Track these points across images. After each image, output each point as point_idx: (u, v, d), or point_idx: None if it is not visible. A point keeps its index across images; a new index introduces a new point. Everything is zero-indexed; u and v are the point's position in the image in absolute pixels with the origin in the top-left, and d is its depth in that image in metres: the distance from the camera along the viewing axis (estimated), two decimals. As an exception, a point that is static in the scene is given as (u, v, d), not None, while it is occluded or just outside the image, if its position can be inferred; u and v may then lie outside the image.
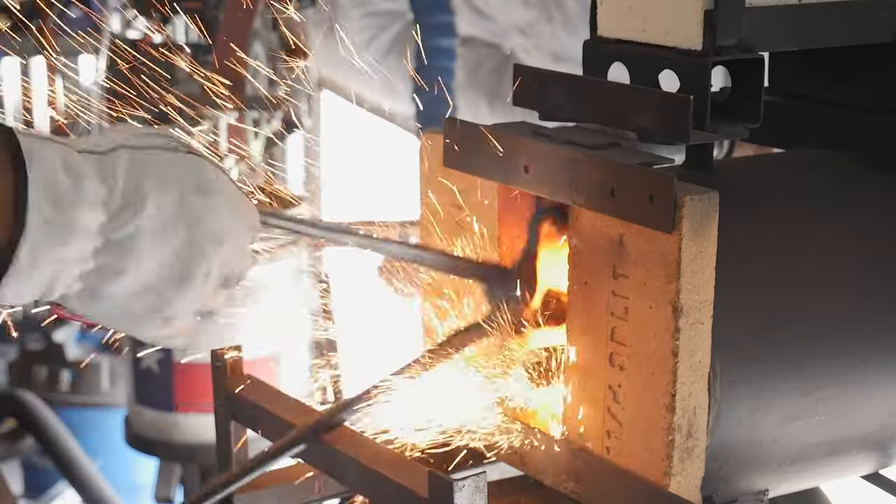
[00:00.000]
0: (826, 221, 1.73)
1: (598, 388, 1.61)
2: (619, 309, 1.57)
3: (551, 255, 1.72)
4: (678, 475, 1.55)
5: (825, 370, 1.66)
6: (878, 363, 1.71)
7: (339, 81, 5.97)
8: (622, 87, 1.65)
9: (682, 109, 1.56)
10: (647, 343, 1.54)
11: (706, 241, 1.50)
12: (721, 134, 1.63)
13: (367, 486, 1.60)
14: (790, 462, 1.67)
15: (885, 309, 1.72)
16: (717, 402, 1.57)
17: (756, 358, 1.60)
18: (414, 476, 1.54)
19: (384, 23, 5.72)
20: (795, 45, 1.73)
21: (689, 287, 1.50)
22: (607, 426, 1.60)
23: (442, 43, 4.80)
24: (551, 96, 1.71)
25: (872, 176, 1.80)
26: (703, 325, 1.53)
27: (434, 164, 1.79)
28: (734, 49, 1.60)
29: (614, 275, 1.57)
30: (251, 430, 1.80)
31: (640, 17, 1.66)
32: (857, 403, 1.71)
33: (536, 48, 4.89)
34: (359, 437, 1.68)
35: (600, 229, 1.58)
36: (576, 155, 1.59)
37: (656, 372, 1.53)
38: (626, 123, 1.63)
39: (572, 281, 1.64)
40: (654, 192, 1.50)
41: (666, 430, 1.53)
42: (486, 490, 1.46)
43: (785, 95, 1.92)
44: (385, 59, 5.64)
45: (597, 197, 1.57)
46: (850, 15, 1.73)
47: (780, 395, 1.62)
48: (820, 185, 1.79)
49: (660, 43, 1.64)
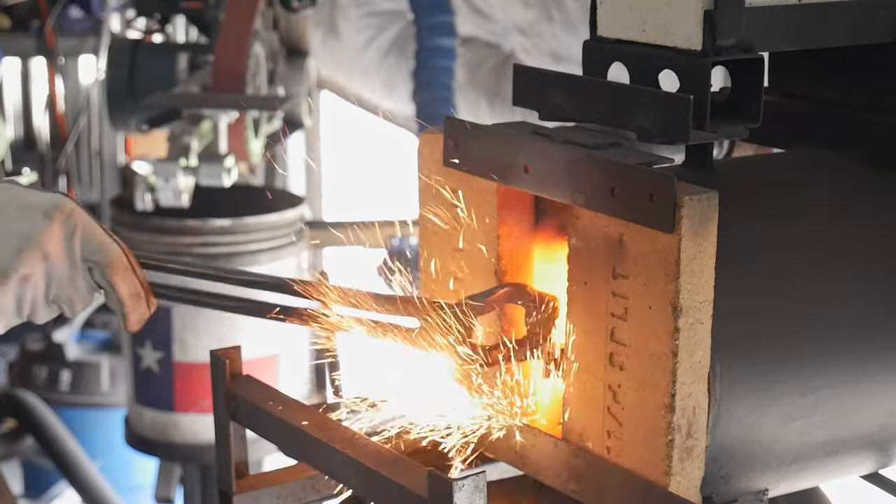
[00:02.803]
0: (825, 222, 1.73)
1: (598, 388, 1.61)
2: (618, 309, 1.57)
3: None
4: (678, 475, 1.55)
5: (825, 370, 1.66)
6: (877, 363, 1.71)
7: (339, 81, 5.97)
8: (622, 87, 1.65)
9: (682, 109, 1.56)
10: (646, 343, 1.54)
11: (706, 240, 1.51)
12: (721, 134, 1.63)
13: (366, 486, 1.60)
14: (790, 462, 1.67)
15: (884, 309, 1.72)
16: (716, 402, 1.57)
17: (756, 358, 1.60)
18: (414, 476, 1.54)
19: (384, 23, 5.72)
20: (795, 45, 1.73)
21: (689, 287, 1.50)
22: (607, 426, 1.61)
23: (442, 43, 4.80)
24: (551, 96, 1.71)
25: (872, 176, 1.80)
26: (703, 325, 1.53)
27: (433, 163, 1.79)
28: (734, 49, 1.60)
29: (614, 275, 1.57)
30: (251, 430, 1.80)
31: (640, 17, 1.66)
32: (856, 403, 1.71)
33: (536, 48, 4.89)
34: (359, 436, 1.68)
35: (600, 229, 1.58)
36: (576, 155, 1.60)
37: (656, 372, 1.54)
38: (626, 123, 1.63)
39: (572, 281, 1.64)
40: (654, 191, 1.50)
41: (665, 430, 1.54)
42: (486, 490, 1.46)
43: (785, 95, 1.92)
44: (385, 59, 5.65)
45: (597, 197, 1.57)
46: (849, 15, 1.73)
47: (779, 395, 1.62)
48: (819, 186, 1.79)
49: (660, 43, 1.64)
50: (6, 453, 5.18)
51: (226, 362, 1.79)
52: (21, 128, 5.91)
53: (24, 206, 1.62)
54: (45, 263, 1.61)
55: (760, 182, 1.77)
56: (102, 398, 5.21)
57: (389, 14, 5.68)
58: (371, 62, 5.70)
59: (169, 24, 4.96)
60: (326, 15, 5.82)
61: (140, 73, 4.43)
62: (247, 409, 1.78)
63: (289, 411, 1.74)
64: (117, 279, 1.65)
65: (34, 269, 1.61)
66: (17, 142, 5.85)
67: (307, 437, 1.68)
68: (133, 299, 1.67)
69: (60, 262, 1.63)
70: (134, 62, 4.44)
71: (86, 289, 1.66)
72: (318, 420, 1.72)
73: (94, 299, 1.69)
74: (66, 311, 1.67)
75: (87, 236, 1.64)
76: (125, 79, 4.43)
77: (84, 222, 1.64)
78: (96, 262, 1.65)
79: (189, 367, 4.02)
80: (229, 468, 1.80)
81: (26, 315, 1.64)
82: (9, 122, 5.78)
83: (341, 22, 5.79)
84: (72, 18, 5.82)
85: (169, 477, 4.16)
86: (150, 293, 1.69)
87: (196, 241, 3.94)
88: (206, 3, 4.35)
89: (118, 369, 5.09)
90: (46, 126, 5.83)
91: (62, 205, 1.64)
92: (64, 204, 1.64)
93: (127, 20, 5.71)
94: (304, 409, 1.75)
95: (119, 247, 1.66)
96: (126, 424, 4.25)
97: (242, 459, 1.81)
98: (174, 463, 4.17)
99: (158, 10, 4.62)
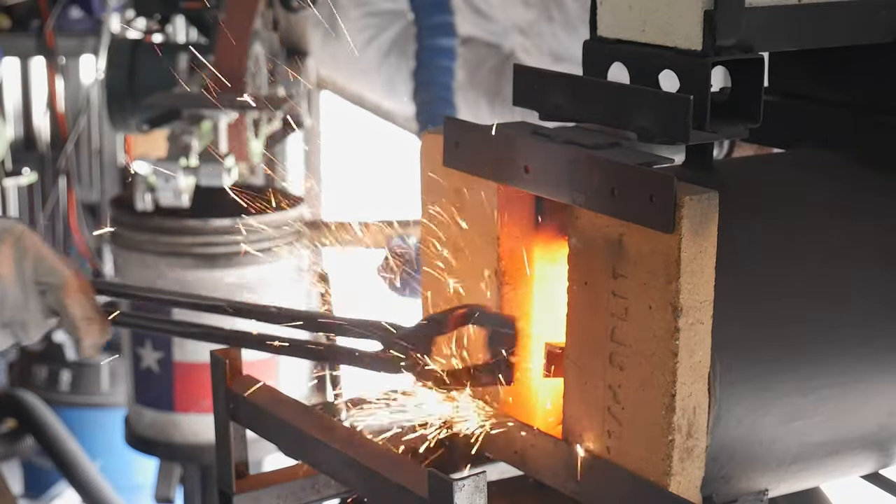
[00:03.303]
0: (825, 222, 1.73)
1: (598, 387, 1.61)
2: (618, 309, 1.57)
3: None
4: (678, 475, 1.55)
5: (825, 370, 1.66)
6: (877, 363, 1.71)
7: (339, 81, 5.97)
8: (622, 87, 1.65)
9: (682, 109, 1.56)
10: (646, 343, 1.54)
11: (706, 241, 1.51)
12: (721, 134, 1.63)
13: (367, 486, 1.60)
14: (790, 462, 1.67)
15: (884, 309, 1.72)
16: (716, 402, 1.57)
17: (756, 358, 1.60)
18: (414, 476, 1.54)
19: (384, 23, 5.72)
20: (795, 45, 1.73)
21: (689, 287, 1.50)
22: (607, 426, 1.61)
23: (442, 43, 4.79)
24: (551, 96, 1.71)
25: (872, 176, 1.80)
26: (703, 326, 1.53)
27: (434, 164, 1.79)
28: (734, 49, 1.60)
29: (614, 275, 1.57)
30: (251, 431, 1.80)
31: (640, 17, 1.66)
32: (856, 403, 1.71)
33: (536, 48, 4.89)
34: (359, 436, 1.68)
35: (600, 229, 1.58)
36: (576, 155, 1.59)
37: (656, 372, 1.54)
38: (626, 123, 1.63)
39: (572, 281, 1.64)
40: (654, 191, 1.50)
41: (666, 431, 1.54)
42: (486, 490, 1.47)
43: (785, 95, 1.92)
44: (385, 59, 5.64)
45: (597, 197, 1.57)
46: (849, 15, 1.73)
47: (779, 395, 1.62)
48: (819, 186, 1.79)
49: (660, 43, 1.64)
50: (6, 453, 5.18)
51: (226, 362, 1.79)
52: (21, 128, 5.91)
53: None
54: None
55: (760, 182, 1.77)
56: (102, 398, 5.21)
57: (389, 14, 5.67)
58: (371, 62, 5.69)
59: (169, 24, 4.96)
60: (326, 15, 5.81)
61: (140, 73, 4.43)
62: (247, 409, 1.78)
63: (289, 411, 1.74)
64: (70, 301, 1.64)
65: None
66: (17, 142, 5.85)
67: (307, 437, 1.68)
68: (86, 322, 1.66)
69: (11, 284, 1.62)
70: (134, 62, 4.44)
71: (39, 312, 1.65)
72: (318, 420, 1.72)
73: (48, 324, 1.69)
74: (20, 335, 1.66)
75: (39, 259, 1.63)
76: (125, 79, 4.43)
77: (35, 245, 1.64)
78: (48, 283, 1.63)
79: (189, 367, 4.02)
80: (229, 468, 1.80)
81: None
82: (9, 122, 5.78)
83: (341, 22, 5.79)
84: (72, 18, 5.82)
85: (169, 477, 4.16)
86: (105, 318, 1.69)
87: (196, 241, 3.93)
88: (205, 4, 4.35)
89: (118, 369, 5.09)
90: (46, 126, 5.83)
91: (11, 228, 1.63)
92: (13, 227, 1.63)
93: (127, 20, 5.71)
94: (304, 409, 1.75)
95: (71, 271, 1.65)
96: (126, 424, 4.25)
97: (242, 459, 1.81)
98: (174, 463, 4.17)
99: (158, 10, 4.62)
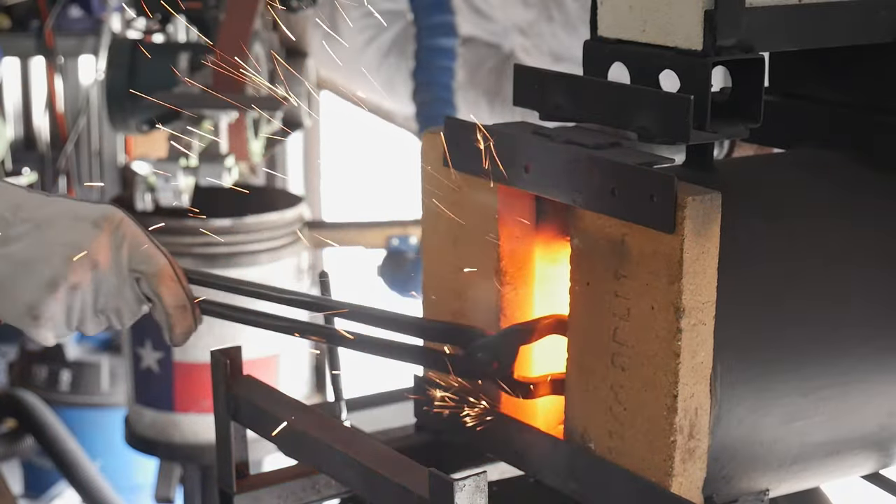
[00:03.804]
0: (826, 222, 1.73)
1: (600, 388, 1.61)
2: (620, 310, 1.57)
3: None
4: (680, 476, 1.55)
5: (825, 370, 1.66)
6: (878, 363, 1.71)
7: (339, 81, 5.97)
8: (622, 87, 1.65)
9: (683, 109, 1.56)
10: (648, 344, 1.54)
11: (708, 241, 1.50)
12: (721, 134, 1.63)
13: (367, 486, 1.60)
14: (791, 462, 1.67)
15: (884, 309, 1.72)
16: (717, 402, 1.57)
17: (757, 359, 1.60)
18: (414, 476, 1.54)
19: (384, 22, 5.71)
20: (795, 45, 1.73)
21: (691, 288, 1.50)
22: (609, 427, 1.60)
23: (442, 43, 4.79)
24: (551, 96, 1.71)
25: (872, 176, 1.80)
26: (705, 326, 1.53)
27: (434, 164, 1.79)
28: (734, 49, 1.60)
29: (616, 275, 1.57)
30: (251, 430, 1.80)
31: (640, 17, 1.66)
32: (857, 404, 1.71)
33: (536, 48, 4.88)
34: (359, 436, 1.68)
35: (602, 230, 1.58)
36: (576, 155, 1.59)
37: (658, 373, 1.54)
38: (627, 123, 1.63)
39: (574, 281, 1.64)
40: (655, 192, 1.50)
41: (668, 431, 1.53)
42: (487, 490, 1.46)
43: (785, 95, 1.92)
44: (385, 59, 5.64)
45: (597, 197, 1.57)
46: (849, 15, 1.73)
47: (780, 396, 1.62)
48: (820, 186, 1.79)
49: (660, 43, 1.64)
50: (6, 453, 5.18)
51: (226, 362, 1.79)
52: (21, 128, 5.90)
53: (74, 217, 1.65)
54: (93, 273, 1.63)
55: (760, 182, 1.77)
56: (102, 398, 5.21)
57: (389, 14, 5.67)
58: (371, 62, 5.69)
59: (169, 24, 4.96)
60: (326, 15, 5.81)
61: (140, 73, 4.42)
62: (247, 409, 1.78)
63: (289, 411, 1.74)
64: (163, 289, 1.66)
65: (83, 279, 1.63)
66: (17, 142, 5.84)
67: (307, 437, 1.68)
68: (179, 310, 1.68)
69: (108, 271, 1.64)
70: (134, 62, 4.43)
71: (133, 299, 1.67)
72: (318, 420, 1.72)
73: (141, 311, 1.70)
74: (113, 321, 1.68)
75: (135, 246, 1.66)
76: (125, 79, 4.42)
77: (132, 232, 1.66)
78: (143, 272, 1.66)
79: (189, 367, 4.01)
80: (230, 468, 1.80)
81: (75, 325, 1.65)
82: (9, 122, 5.78)
83: (341, 22, 5.79)
84: (72, 18, 5.81)
85: (169, 477, 4.16)
86: (196, 306, 1.70)
87: (196, 241, 3.93)
88: (205, 4, 4.35)
89: (118, 369, 5.08)
90: (46, 126, 5.83)
91: (111, 215, 1.66)
92: (113, 214, 1.66)
93: (127, 20, 5.71)
94: (304, 409, 1.75)
95: (166, 258, 1.67)
96: (126, 424, 4.24)
97: (243, 459, 1.81)
98: (174, 463, 4.17)
99: (158, 10, 4.62)
